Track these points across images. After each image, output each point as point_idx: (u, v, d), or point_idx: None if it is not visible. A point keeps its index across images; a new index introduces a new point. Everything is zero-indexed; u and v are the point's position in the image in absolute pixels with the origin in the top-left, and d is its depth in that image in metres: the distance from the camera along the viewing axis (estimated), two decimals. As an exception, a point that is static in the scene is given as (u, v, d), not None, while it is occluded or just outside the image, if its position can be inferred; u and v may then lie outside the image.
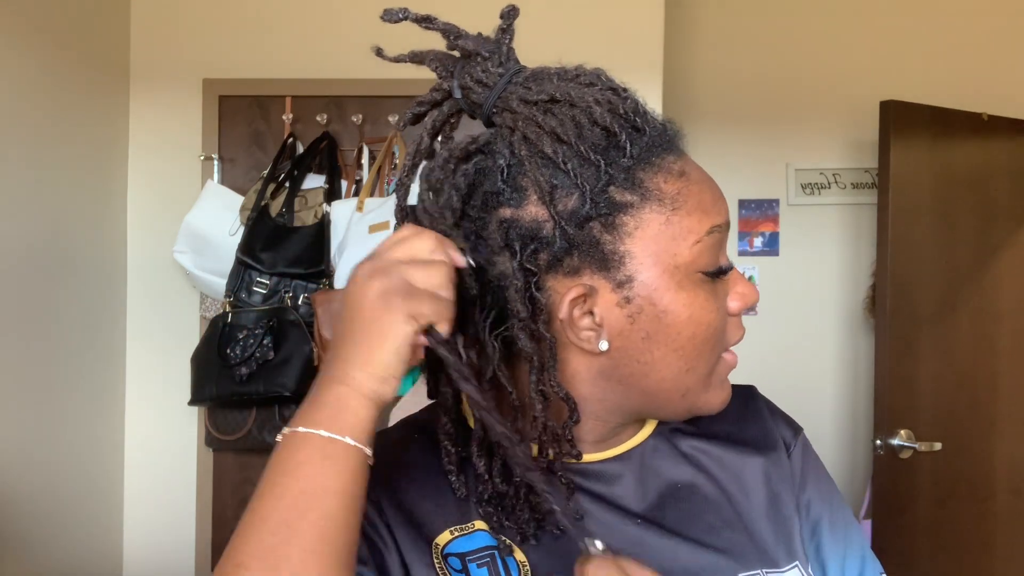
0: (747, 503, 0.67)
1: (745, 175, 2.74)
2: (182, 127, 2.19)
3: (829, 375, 2.76)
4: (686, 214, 0.57)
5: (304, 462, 0.52)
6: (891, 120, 2.26)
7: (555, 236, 0.56)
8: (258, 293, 1.99)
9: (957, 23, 2.73)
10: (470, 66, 0.59)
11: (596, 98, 0.56)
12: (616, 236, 0.56)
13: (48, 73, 1.87)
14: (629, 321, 0.58)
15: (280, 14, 2.19)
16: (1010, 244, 2.46)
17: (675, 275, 0.57)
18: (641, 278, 0.57)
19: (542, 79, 0.58)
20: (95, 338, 2.06)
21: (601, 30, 2.16)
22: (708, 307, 0.59)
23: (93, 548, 2.06)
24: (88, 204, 2.04)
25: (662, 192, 0.57)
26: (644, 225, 0.57)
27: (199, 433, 2.17)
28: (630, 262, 0.57)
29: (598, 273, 0.57)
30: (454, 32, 0.60)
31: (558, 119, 0.56)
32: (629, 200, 0.56)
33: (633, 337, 0.58)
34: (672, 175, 0.58)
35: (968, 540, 2.40)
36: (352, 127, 2.16)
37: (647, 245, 0.57)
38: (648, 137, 0.58)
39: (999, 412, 2.44)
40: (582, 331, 0.59)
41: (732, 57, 2.75)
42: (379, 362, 0.53)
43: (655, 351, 0.59)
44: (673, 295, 0.57)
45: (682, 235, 0.57)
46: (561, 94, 0.56)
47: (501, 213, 0.57)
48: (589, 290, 0.57)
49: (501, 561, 0.62)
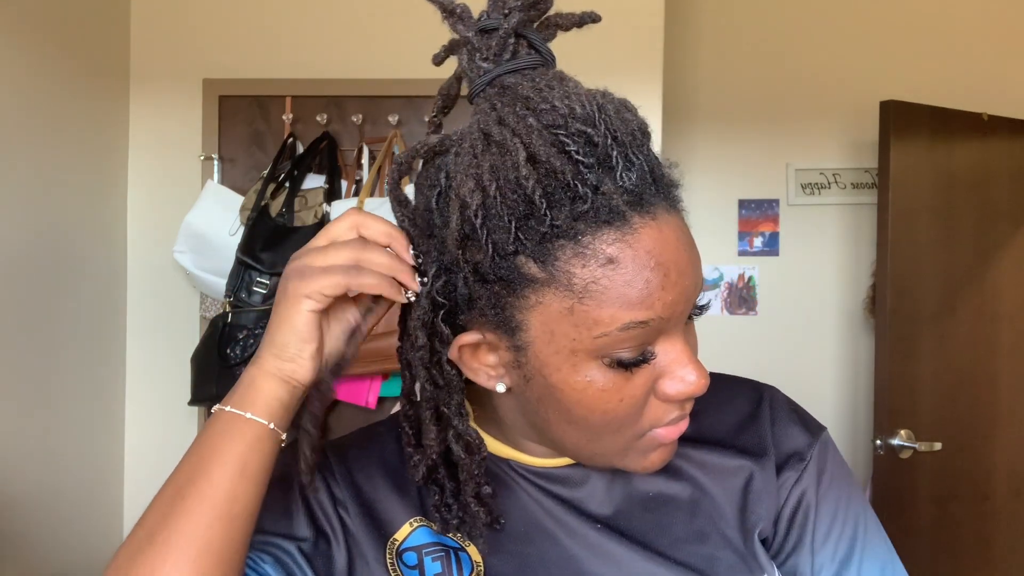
0: (724, 510, 0.64)
1: (745, 175, 2.74)
2: (182, 127, 2.19)
3: (829, 375, 2.76)
4: (595, 307, 0.50)
5: (208, 435, 0.56)
6: (891, 120, 2.26)
7: (460, 280, 0.54)
8: (258, 293, 1.99)
9: (957, 23, 2.73)
10: (461, 53, 0.56)
11: (533, 152, 0.49)
12: (516, 304, 0.52)
13: (48, 73, 1.87)
14: (523, 380, 0.55)
15: (280, 14, 2.19)
16: (1010, 245, 2.46)
17: (570, 358, 0.52)
18: (534, 350, 0.53)
19: (509, 100, 0.52)
20: (95, 338, 2.06)
21: (601, 30, 2.15)
22: (605, 396, 0.53)
23: (93, 548, 2.06)
24: (88, 204, 2.04)
25: (572, 276, 0.50)
26: (545, 304, 0.51)
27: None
28: (526, 331, 0.52)
29: (496, 329, 0.54)
30: (450, 10, 0.56)
31: (490, 163, 0.50)
32: (535, 275, 0.51)
33: (529, 395, 0.56)
34: (595, 260, 0.49)
35: (968, 540, 2.40)
36: (352, 127, 2.16)
37: (546, 323, 0.51)
38: (589, 206, 0.49)
39: (999, 412, 2.44)
40: (482, 368, 0.57)
41: (732, 57, 2.76)
42: (280, 343, 0.56)
43: (550, 415, 0.56)
44: (564, 376, 0.53)
45: (585, 325, 0.50)
46: (499, 135, 0.50)
47: (432, 229, 0.56)
48: (486, 341, 0.55)
49: (454, 556, 0.62)
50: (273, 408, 0.56)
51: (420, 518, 0.64)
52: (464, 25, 0.55)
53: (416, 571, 0.62)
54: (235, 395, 0.57)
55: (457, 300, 0.55)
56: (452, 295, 0.55)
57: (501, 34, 0.54)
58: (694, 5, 2.75)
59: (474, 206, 0.50)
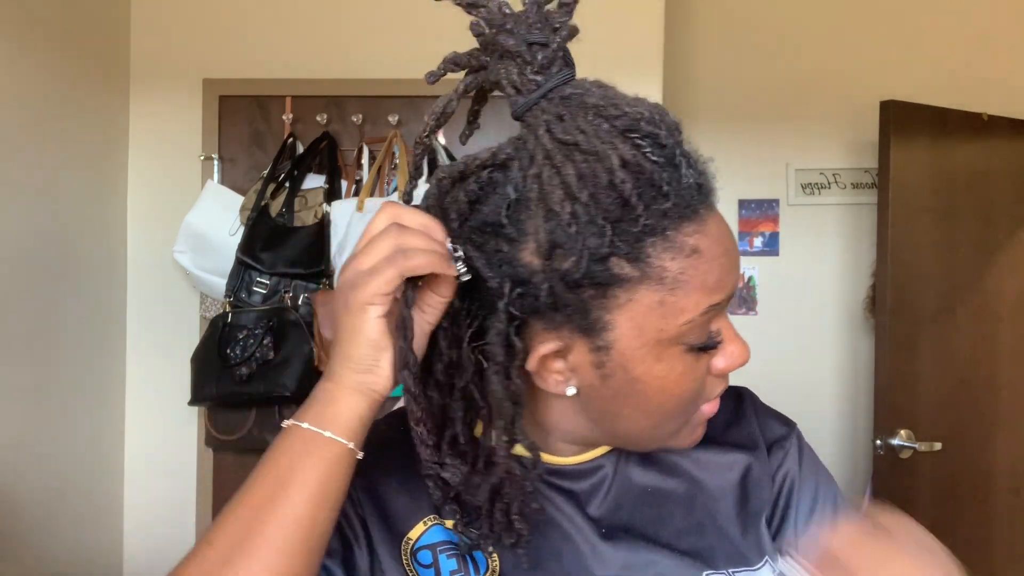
0: (720, 503, 0.67)
1: (745, 175, 2.74)
2: (182, 127, 2.19)
3: (829, 375, 2.76)
4: (684, 295, 0.53)
5: (284, 452, 0.54)
6: (891, 120, 2.26)
7: (543, 289, 0.53)
8: (258, 293, 1.99)
9: (957, 23, 2.73)
10: (507, 64, 0.54)
11: (624, 156, 0.51)
12: (604, 305, 0.54)
13: (48, 73, 1.87)
14: (600, 379, 0.57)
15: (280, 14, 2.19)
16: (1010, 244, 2.46)
17: (655, 348, 0.55)
18: (619, 347, 0.55)
19: (577, 110, 0.53)
20: (95, 338, 2.06)
21: (601, 30, 2.15)
22: (684, 379, 0.57)
23: (93, 548, 2.06)
24: (88, 204, 2.04)
25: (664, 271, 0.53)
26: (636, 300, 0.53)
27: (199, 433, 2.17)
28: (612, 331, 0.54)
29: (578, 333, 0.55)
30: (499, 22, 0.55)
31: (576, 171, 0.51)
32: (628, 275, 0.53)
33: (603, 393, 0.58)
34: (682, 252, 0.53)
35: (968, 540, 2.40)
36: (352, 127, 2.16)
37: (633, 319, 0.54)
38: (672, 203, 0.52)
39: (999, 412, 2.44)
40: (551, 375, 0.58)
41: (732, 57, 2.75)
42: (355, 356, 0.54)
43: (623, 409, 0.58)
44: (648, 367, 0.55)
45: (673, 315, 0.54)
46: (587, 143, 0.51)
47: (498, 243, 0.55)
48: (565, 346, 0.56)
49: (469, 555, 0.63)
50: (354, 427, 0.54)
51: (434, 516, 0.64)
52: (514, 39, 0.54)
53: (431, 570, 0.62)
54: (311, 410, 0.54)
55: (534, 309, 0.55)
56: (528, 306, 0.55)
57: (554, 47, 0.54)
58: (694, 5, 2.75)
59: (566, 215, 0.51)
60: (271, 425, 2.01)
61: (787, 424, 0.74)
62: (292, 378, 1.92)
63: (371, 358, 0.54)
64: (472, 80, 0.58)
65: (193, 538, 2.19)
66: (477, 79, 0.58)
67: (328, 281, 2.00)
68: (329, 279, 2.00)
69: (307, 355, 1.94)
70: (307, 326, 1.96)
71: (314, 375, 1.97)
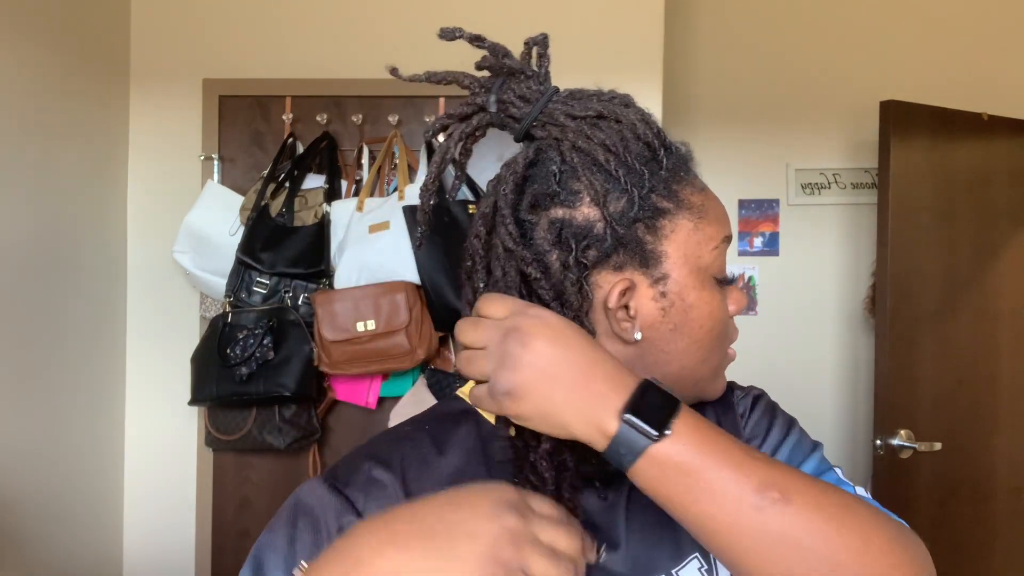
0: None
1: (745, 175, 2.74)
2: (182, 127, 2.19)
3: (829, 375, 2.76)
4: (708, 223, 0.65)
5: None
6: (891, 120, 2.26)
7: (606, 234, 0.62)
8: (258, 293, 1.99)
9: (957, 23, 2.73)
10: (513, 82, 0.64)
11: (635, 118, 0.64)
12: (656, 237, 0.63)
13: (48, 73, 1.87)
14: (661, 314, 0.64)
15: (280, 14, 2.19)
16: (1010, 244, 2.46)
17: (699, 275, 0.65)
18: (674, 275, 0.64)
19: (582, 98, 0.64)
20: (95, 338, 2.06)
21: (601, 31, 2.16)
22: (721, 306, 0.66)
23: (93, 548, 2.06)
24: (88, 204, 2.04)
25: (691, 202, 0.65)
26: (678, 229, 0.64)
27: (199, 433, 2.17)
28: (666, 261, 0.64)
29: (639, 269, 0.63)
30: (503, 51, 0.65)
31: (605, 133, 0.63)
32: (667, 207, 0.64)
33: (662, 329, 0.64)
34: (696, 189, 0.66)
35: (968, 540, 2.40)
36: (352, 127, 2.16)
37: (679, 247, 0.64)
38: (676, 155, 0.66)
39: (999, 412, 2.44)
40: (621, 322, 0.64)
41: (732, 57, 2.76)
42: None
43: (679, 342, 0.65)
44: (698, 293, 0.65)
45: (705, 241, 0.65)
46: (608, 111, 0.63)
47: (554, 213, 0.63)
48: (631, 284, 0.63)
49: None
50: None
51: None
52: (511, 60, 0.64)
53: None
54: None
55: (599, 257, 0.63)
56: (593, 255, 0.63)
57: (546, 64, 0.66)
58: (694, 5, 2.75)
59: (612, 165, 0.62)
60: (271, 425, 2.01)
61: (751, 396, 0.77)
62: (292, 378, 1.92)
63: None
64: (468, 125, 0.65)
65: (193, 538, 2.20)
66: (472, 124, 0.65)
67: (328, 281, 2.00)
68: (329, 279, 2.00)
69: (307, 355, 1.94)
70: (307, 326, 1.96)
71: (314, 375, 1.97)
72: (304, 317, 1.97)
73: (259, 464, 2.18)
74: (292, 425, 2.01)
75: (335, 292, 1.93)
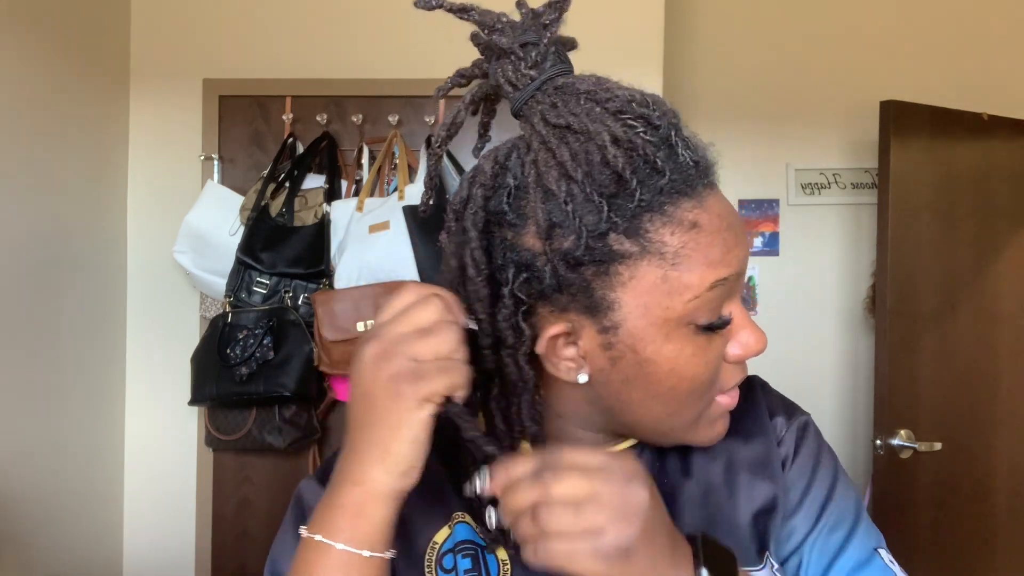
0: (731, 499, 0.65)
1: (745, 175, 2.74)
2: (182, 127, 2.19)
3: (829, 375, 2.76)
4: (687, 270, 0.53)
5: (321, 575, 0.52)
6: (891, 120, 2.26)
7: (546, 272, 0.54)
8: (258, 293, 1.99)
9: (957, 23, 2.73)
10: (503, 64, 0.56)
11: (615, 134, 0.52)
12: (607, 283, 0.53)
13: (48, 73, 1.87)
14: (610, 363, 0.56)
15: (280, 14, 2.19)
16: (1010, 244, 2.46)
17: (663, 327, 0.54)
18: (627, 327, 0.54)
19: (569, 96, 0.54)
20: (95, 338, 2.06)
21: (601, 29, 2.16)
22: (695, 360, 0.56)
23: (93, 548, 2.06)
24: (88, 204, 2.04)
25: (664, 246, 0.53)
26: (639, 277, 0.53)
27: (199, 433, 2.17)
28: (618, 310, 0.54)
29: (584, 315, 0.54)
30: (490, 24, 0.57)
31: (570, 151, 0.53)
32: (628, 250, 0.52)
33: (613, 378, 0.56)
34: (681, 227, 0.53)
35: (968, 540, 2.40)
36: (352, 127, 2.16)
37: (638, 296, 0.53)
38: (667, 179, 0.53)
39: (999, 412, 2.44)
40: (562, 362, 0.57)
41: (732, 57, 2.75)
42: (396, 454, 0.51)
43: (634, 394, 0.57)
44: (657, 347, 0.54)
45: (678, 291, 0.53)
46: (578, 124, 0.53)
47: (503, 233, 0.56)
48: (572, 328, 0.55)
49: (481, 555, 0.62)
50: (388, 537, 0.53)
51: (460, 513, 0.64)
52: (507, 39, 0.56)
53: (452, 574, 0.62)
54: (340, 524, 0.52)
55: (540, 293, 0.55)
56: (534, 290, 0.55)
57: (546, 43, 0.57)
58: (694, 5, 2.75)
59: (563, 194, 0.52)
60: (271, 425, 2.01)
61: (788, 414, 0.71)
62: (292, 378, 1.92)
63: (413, 458, 0.52)
64: (478, 89, 0.59)
65: (193, 538, 2.19)
66: (483, 88, 0.59)
67: (328, 281, 2.00)
68: (329, 279, 2.00)
69: (307, 355, 1.94)
70: (307, 326, 1.96)
71: (314, 375, 1.97)
72: (304, 317, 1.97)
73: (259, 464, 2.18)
74: (292, 425, 2.01)
75: (335, 292, 1.93)
